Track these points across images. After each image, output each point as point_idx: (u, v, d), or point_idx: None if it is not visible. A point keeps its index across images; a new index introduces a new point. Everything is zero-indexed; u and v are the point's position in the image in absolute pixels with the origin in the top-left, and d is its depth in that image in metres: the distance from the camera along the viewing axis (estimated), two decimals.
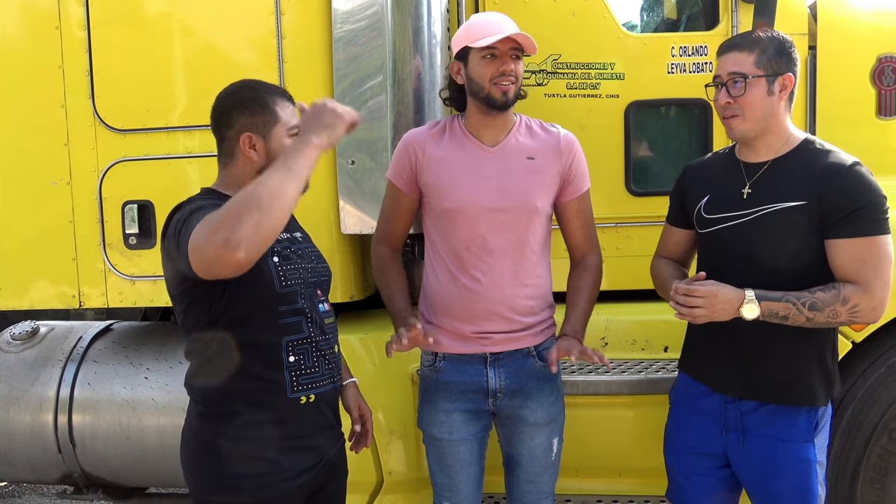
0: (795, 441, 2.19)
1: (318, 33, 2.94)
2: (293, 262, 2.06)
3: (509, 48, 2.29)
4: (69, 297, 3.20)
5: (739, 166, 2.26)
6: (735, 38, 2.29)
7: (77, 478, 3.35)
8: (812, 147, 2.20)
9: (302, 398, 2.04)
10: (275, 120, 2.02)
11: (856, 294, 2.05)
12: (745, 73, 2.15)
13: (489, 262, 2.35)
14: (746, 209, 2.19)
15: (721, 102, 2.19)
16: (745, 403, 2.24)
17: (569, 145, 2.42)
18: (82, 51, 3.09)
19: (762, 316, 2.06)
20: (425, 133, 2.43)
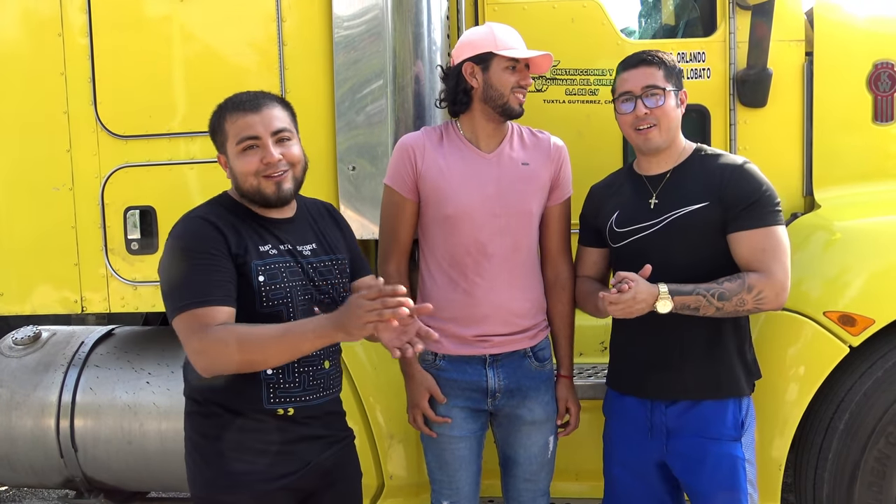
0: (723, 439, 2.30)
1: (319, 39, 2.97)
2: (280, 280, 2.02)
3: (524, 63, 2.39)
4: (71, 302, 3.22)
5: (642, 180, 2.40)
6: (639, 55, 2.38)
7: (79, 482, 3.36)
8: (704, 153, 2.39)
9: (279, 410, 2.04)
10: (225, 138, 2.06)
11: (759, 281, 2.19)
12: (660, 85, 2.30)
13: (488, 267, 2.39)
14: (655, 218, 2.33)
15: (640, 114, 2.29)
16: (670, 408, 2.34)
17: (558, 151, 2.51)
18: (84, 57, 3.11)
19: (675, 309, 2.17)
20: (423, 138, 2.46)
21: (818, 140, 3.05)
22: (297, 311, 2.04)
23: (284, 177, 2.03)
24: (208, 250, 1.95)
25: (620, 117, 2.38)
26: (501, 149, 2.44)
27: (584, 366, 2.99)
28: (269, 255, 2.03)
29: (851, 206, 2.97)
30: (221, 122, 2.06)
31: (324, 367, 2.12)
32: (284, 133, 2.05)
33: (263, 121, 2.01)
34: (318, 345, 1.91)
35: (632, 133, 2.36)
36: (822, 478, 2.80)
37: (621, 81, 2.37)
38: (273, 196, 2.03)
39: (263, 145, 2.01)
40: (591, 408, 2.85)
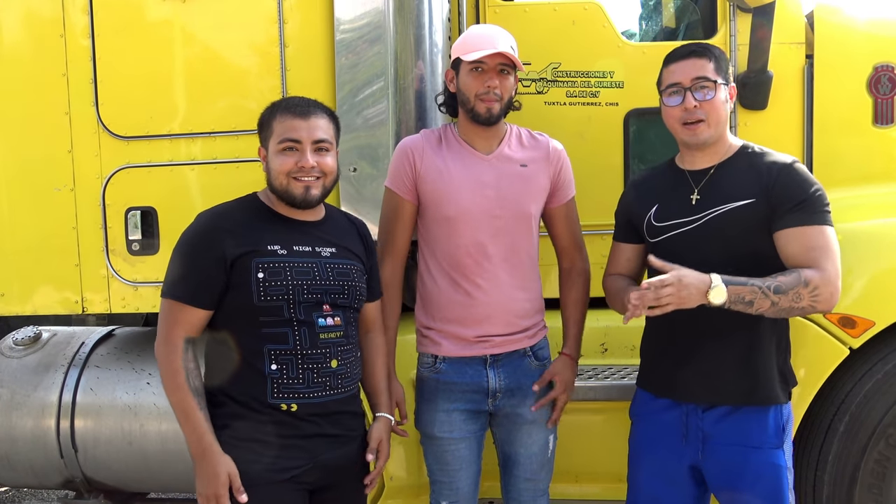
0: (765, 447, 2.21)
1: (321, 41, 2.97)
2: (282, 277, 2.11)
3: (498, 63, 2.33)
4: (72, 302, 3.22)
5: (685, 175, 2.31)
6: (689, 46, 2.31)
7: (79, 483, 3.36)
8: (751, 150, 2.29)
9: (283, 405, 2.11)
10: (270, 134, 2.19)
11: (815, 277, 2.06)
12: (711, 77, 2.21)
13: (488, 268, 2.40)
14: (695, 214, 2.24)
15: (689, 107, 2.20)
16: (709, 414, 2.25)
17: (556, 153, 2.51)
18: (86, 59, 3.12)
19: (729, 301, 2.03)
20: (422, 141, 2.47)
21: (818, 142, 3.06)
22: (298, 308, 2.12)
23: (314, 183, 2.16)
24: (196, 247, 2.13)
25: (667, 110, 2.28)
26: (500, 150, 2.45)
27: (585, 367, 2.99)
28: (277, 253, 2.13)
29: (852, 208, 2.96)
30: (271, 119, 2.19)
31: (330, 366, 2.16)
32: (324, 143, 2.18)
33: (308, 127, 2.15)
34: (190, 448, 2.11)
35: (678, 127, 2.26)
36: (822, 479, 2.80)
37: (668, 73, 2.27)
38: (299, 198, 2.16)
39: (302, 150, 2.14)
40: (592, 409, 2.86)
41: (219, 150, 3.09)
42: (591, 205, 2.91)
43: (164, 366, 2.12)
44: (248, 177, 3.00)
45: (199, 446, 2.06)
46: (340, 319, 2.19)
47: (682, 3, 3.50)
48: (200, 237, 2.14)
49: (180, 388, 2.07)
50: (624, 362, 3.03)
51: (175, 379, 2.08)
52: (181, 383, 2.07)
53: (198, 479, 2.07)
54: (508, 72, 2.36)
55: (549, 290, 2.73)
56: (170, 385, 2.10)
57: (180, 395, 2.08)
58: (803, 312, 2.12)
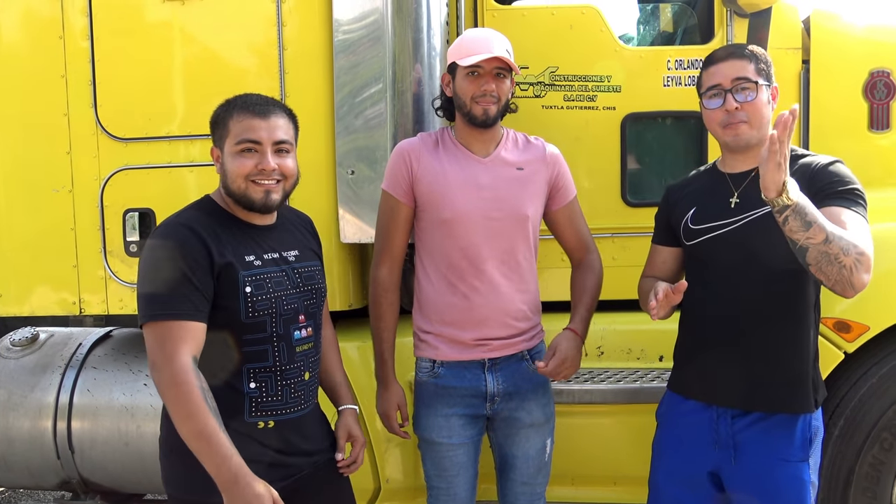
0: (792, 460, 2.18)
1: (319, 43, 2.98)
2: (266, 290, 2.02)
3: (494, 67, 2.34)
4: (70, 303, 3.22)
5: (724, 178, 2.28)
6: (729, 48, 2.29)
7: (75, 484, 3.36)
8: (791, 152, 2.19)
9: (259, 423, 2.03)
10: (225, 133, 2.05)
11: (861, 244, 1.97)
12: (752, 78, 2.17)
13: (486, 271, 2.40)
14: (734, 216, 2.20)
15: (730, 108, 2.16)
16: (739, 419, 2.23)
17: (553, 156, 2.52)
18: (85, 60, 3.12)
19: (796, 206, 1.88)
20: (418, 143, 2.48)
21: (814, 147, 3.07)
22: (279, 322, 2.04)
23: (274, 187, 2.04)
24: (186, 262, 1.93)
25: (707, 113, 2.24)
26: (497, 153, 2.46)
27: (582, 370, 3.00)
28: (254, 265, 2.03)
29: None
30: (226, 117, 2.05)
31: (303, 379, 2.11)
32: (285, 145, 2.06)
33: (268, 128, 2.02)
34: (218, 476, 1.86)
35: (719, 130, 2.22)
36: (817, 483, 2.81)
37: (708, 75, 2.23)
38: (259, 203, 2.03)
39: (262, 152, 2.02)
40: (589, 412, 2.87)
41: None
42: (589, 208, 2.90)
43: (173, 390, 1.85)
44: None
45: (229, 471, 1.83)
46: (312, 330, 2.14)
47: (680, 7, 3.52)
48: (184, 247, 1.94)
49: (200, 411, 1.83)
50: (620, 365, 3.04)
51: (190, 403, 1.83)
52: (200, 405, 1.83)
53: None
54: (504, 75, 2.37)
55: (548, 293, 2.74)
56: (183, 411, 1.84)
57: (200, 419, 1.83)
58: (839, 275, 1.95)
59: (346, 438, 2.27)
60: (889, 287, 2.77)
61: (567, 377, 2.41)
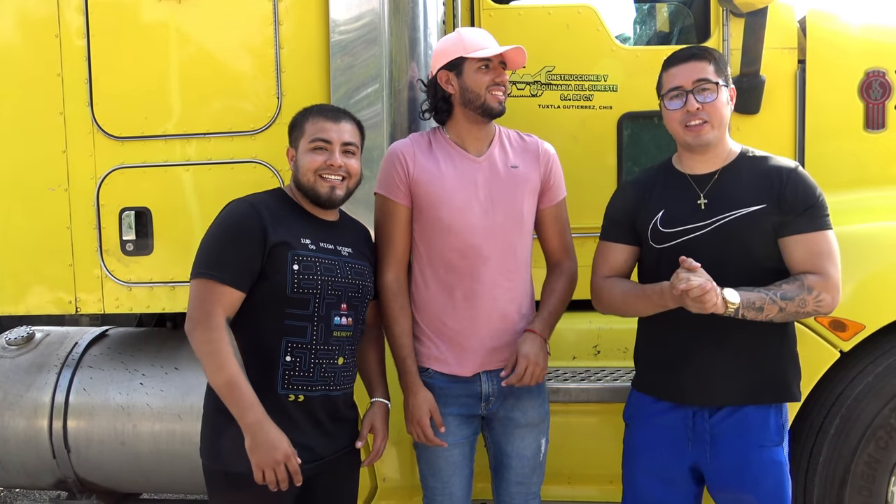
0: (768, 445, 2.24)
1: (316, 43, 2.98)
2: (314, 272, 2.20)
3: (498, 61, 2.40)
4: (66, 302, 3.22)
5: (687, 179, 2.31)
6: (689, 49, 2.33)
7: (71, 483, 3.36)
8: (752, 154, 2.32)
9: (290, 396, 2.19)
10: (301, 134, 2.30)
11: (818, 283, 2.14)
12: (712, 79, 2.23)
13: (483, 271, 2.40)
14: (706, 219, 2.24)
15: (691, 109, 2.21)
16: (715, 413, 2.26)
17: (546, 153, 2.52)
18: (81, 59, 3.12)
19: (741, 306, 2.07)
20: (412, 144, 2.47)
21: (810, 147, 3.08)
22: (322, 304, 2.21)
23: (339, 184, 2.27)
24: (239, 231, 2.17)
25: (669, 114, 2.28)
26: (490, 151, 2.46)
27: (578, 369, 3.01)
28: (308, 248, 2.22)
29: (843, 212, 2.96)
30: (303, 121, 2.31)
31: (336, 363, 2.26)
32: (351, 147, 2.30)
33: (339, 130, 2.28)
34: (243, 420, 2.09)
35: (680, 130, 2.26)
36: (813, 481, 2.82)
37: (669, 77, 2.29)
38: (324, 196, 2.26)
39: (331, 150, 2.26)
40: (585, 411, 2.87)
41: (214, 150, 3.09)
42: (585, 207, 2.91)
43: (206, 344, 2.10)
44: (243, 178, 3.01)
45: (255, 416, 2.07)
46: (352, 320, 2.29)
47: (676, 7, 3.52)
48: (242, 221, 2.18)
49: (230, 363, 2.07)
50: (617, 364, 3.04)
51: (220, 355, 2.07)
52: (229, 356, 2.07)
53: (256, 452, 2.07)
54: (506, 68, 2.42)
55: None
56: (214, 363, 2.08)
57: (230, 370, 2.06)
58: (808, 315, 2.21)
59: (369, 430, 2.39)
60: (884, 286, 2.78)
61: (537, 381, 2.38)
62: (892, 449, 2.77)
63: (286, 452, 2.08)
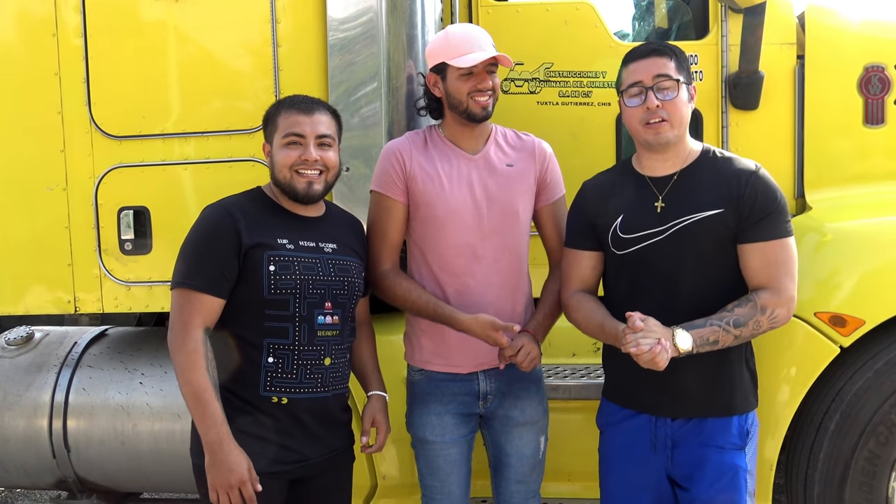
0: (728, 448, 2.21)
1: (314, 41, 2.97)
2: (292, 271, 2.17)
3: (485, 64, 2.34)
4: (65, 302, 3.21)
5: (645, 181, 2.25)
6: (649, 45, 2.27)
7: (71, 483, 3.36)
8: (712, 155, 2.25)
9: (273, 398, 2.16)
10: (274, 129, 2.25)
11: (770, 300, 2.10)
12: (673, 76, 2.15)
13: (478, 269, 2.40)
14: (663, 224, 2.18)
15: (651, 106, 2.14)
16: (676, 421, 2.24)
17: (542, 151, 2.50)
18: (79, 58, 3.11)
19: (695, 345, 2.05)
20: (408, 143, 2.46)
21: (809, 142, 3.08)
22: (303, 304, 2.17)
23: (316, 178, 2.22)
24: (213, 237, 2.15)
25: (628, 111, 2.21)
26: (486, 150, 2.45)
27: (578, 366, 3.00)
28: (285, 248, 2.19)
29: (842, 207, 2.99)
30: (276, 115, 2.26)
31: (323, 364, 2.22)
32: (327, 139, 2.25)
33: (312, 123, 2.22)
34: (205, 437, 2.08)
35: (640, 128, 2.18)
36: (813, 478, 2.82)
37: (629, 73, 2.20)
38: (302, 192, 2.22)
39: (306, 144, 2.21)
40: (585, 408, 2.86)
41: (212, 149, 3.08)
42: None
43: (181, 355, 2.09)
44: (241, 176, 3.00)
45: (217, 434, 2.05)
46: (338, 318, 2.25)
47: (674, 3, 3.51)
48: (215, 227, 2.16)
49: (199, 375, 2.05)
50: None
51: (193, 367, 2.06)
52: (201, 370, 2.05)
53: (212, 471, 2.06)
54: (494, 70, 2.38)
55: None
56: (186, 374, 2.07)
57: (198, 383, 2.05)
58: (767, 330, 2.15)
59: (371, 424, 2.38)
60: (884, 281, 2.78)
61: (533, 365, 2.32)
62: (892, 445, 2.76)
63: (242, 477, 2.04)
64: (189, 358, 2.07)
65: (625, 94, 2.22)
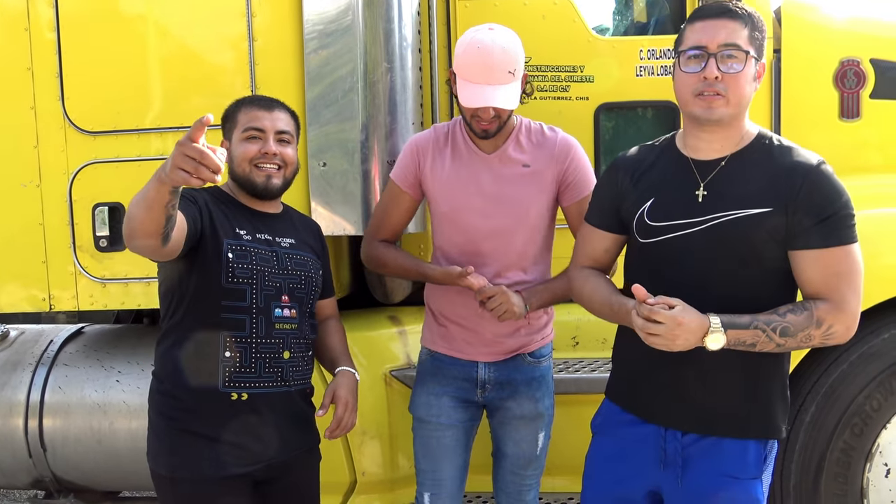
0: (744, 477, 1.92)
1: (290, 35, 2.94)
2: (249, 261, 2.16)
3: None
4: (39, 300, 3.17)
5: (688, 164, 1.94)
6: (724, 5, 1.89)
7: (48, 483, 3.32)
8: (769, 142, 1.94)
9: (233, 395, 2.13)
10: (234, 125, 2.28)
11: (830, 314, 1.79)
12: (743, 47, 1.83)
13: (480, 269, 2.37)
14: (702, 215, 1.88)
15: (710, 76, 1.82)
16: (687, 436, 1.95)
17: (564, 151, 2.40)
18: (52, 52, 3.07)
19: (727, 345, 1.77)
20: (431, 139, 2.47)
21: (786, 136, 3.03)
22: (260, 295, 2.16)
23: (275, 173, 2.24)
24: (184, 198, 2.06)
25: (682, 77, 1.87)
26: (504, 149, 2.41)
27: (556, 361, 3.00)
28: (244, 238, 2.18)
29: None
30: (236, 111, 2.28)
31: (282, 357, 2.19)
32: (286, 135, 2.27)
33: (272, 118, 2.25)
34: (159, 189, 1.78)
35: (690, 98, 1.86)
36: (790, 469, 2.85)
37: (693, 31, 1.86)
38: (261, 186, 2.23)
39: (265, 138, 2.23)
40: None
41: None
42: None
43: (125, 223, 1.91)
44: None
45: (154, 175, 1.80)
46: (296, 312, 2.23)
47: None
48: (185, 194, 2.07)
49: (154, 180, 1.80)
50: (595, 355, 3.05)
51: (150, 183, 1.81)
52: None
53: (165, 167, 1.75)
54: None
55: None
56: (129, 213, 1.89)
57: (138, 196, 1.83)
58: (819, 345, 1.85)
59: (332, 399, 2.25)
60: None
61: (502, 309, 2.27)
62: (867, 436, 2.80)
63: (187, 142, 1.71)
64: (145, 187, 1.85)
65: (682, 56, 1.88)
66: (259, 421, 2.16)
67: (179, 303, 2.16)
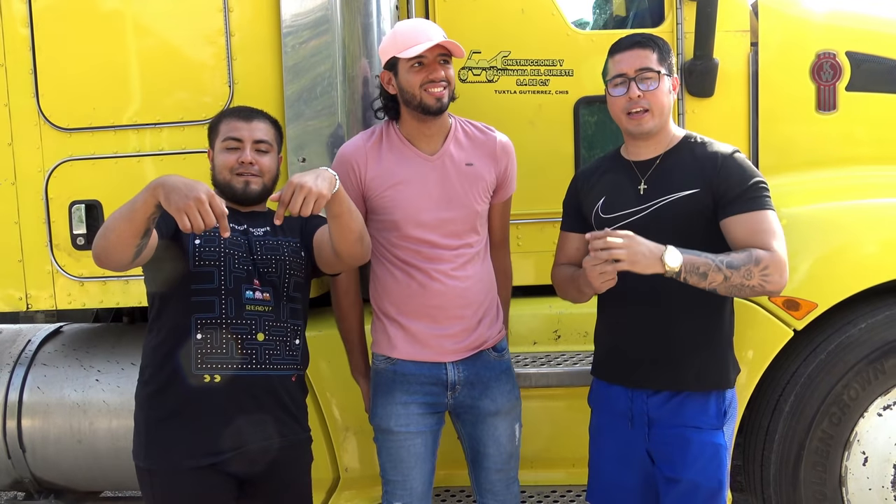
0: (706, 428, 2.25)
1: (267, 30, 2.92)
2: (216, 244, 2.22)
3: (437, 55, 2.31)
4: (16, 299, 3.14)
5: (630, 166, 2.34)
6: (634, 37, 2.33)
7: (28, 483, 3.30)
8: (693, 141, 2.33)
9: (206, 377, 2.17)
10: (216, 135, 2.39)
11: (766, 257, 2.10)
12: (654, 68, 2.24)
13: (437, 266, 2.38)
14: (643, 204, 2.27)
15: (633, 97, 2.23)
16: (652, 398, 2.29)
17: (503, 151, 2.48)
18: (25, 48, 3.03)
19: (684, 270, 2.04)
20: (363, 146, 2.42)
21: (764, 129, 3.11)
22: (228, 277, 2.21)
23: (254, 179, 2.33)
24: None
25: (612, 100, 2.30)
26: (445, 149, 2.41)
27: (538, 354, 3.02)
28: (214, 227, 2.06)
29: (796, 193, 3.03)
30: (219, 123, 2.40)
31: (256, 339, 2.22)
32: (263, 145, 2.36)
33: (250, 129, 2.35)
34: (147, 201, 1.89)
35: (623, 117, 2.28)
36: (769, 458, 2.88)
37: (614, 63, 2.30)
38: (240, 191, 2.33)
39: (243, 148, 2.33)
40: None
41: (165, 141, 3.03)
42: (542, 192, 2.92)
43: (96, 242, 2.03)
44: (196, 168, 2.93)
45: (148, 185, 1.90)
46: (270, 296, 2.26)
47: None
48: None
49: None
50: (577, 348, 3.06)
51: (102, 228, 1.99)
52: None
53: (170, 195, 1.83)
54: (447, 61, 2.34)
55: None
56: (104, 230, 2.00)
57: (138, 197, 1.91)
58: (753, 292, 2.15)
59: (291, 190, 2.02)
60: (836, 265, 2.84)
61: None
62: (845, 425, 2.83)
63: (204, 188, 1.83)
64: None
65: (609, 84, 2.31)
66: (234, 405, 2.17)
67: (160, 299, 2.24)
